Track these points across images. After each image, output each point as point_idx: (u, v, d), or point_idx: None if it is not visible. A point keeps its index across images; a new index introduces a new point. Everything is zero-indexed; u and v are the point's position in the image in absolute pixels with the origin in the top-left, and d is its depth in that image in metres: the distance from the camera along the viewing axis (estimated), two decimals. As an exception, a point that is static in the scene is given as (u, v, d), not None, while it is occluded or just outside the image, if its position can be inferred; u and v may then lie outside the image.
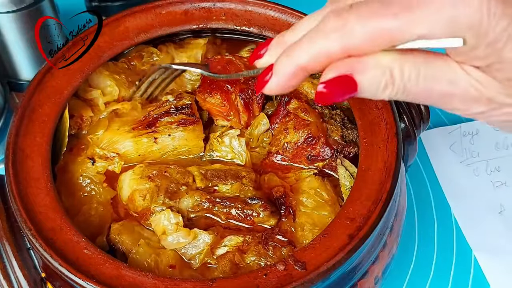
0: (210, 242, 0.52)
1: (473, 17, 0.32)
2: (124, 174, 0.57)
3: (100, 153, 0.58)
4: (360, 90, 0.36)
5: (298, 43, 0.37)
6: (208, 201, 0.55)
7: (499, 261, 0.70)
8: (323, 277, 0.45)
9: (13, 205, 0.50)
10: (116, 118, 0.61)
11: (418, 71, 0.35)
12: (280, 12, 0.64)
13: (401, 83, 0.36)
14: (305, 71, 0.37)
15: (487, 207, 0.75)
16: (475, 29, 0.33)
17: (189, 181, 0.56)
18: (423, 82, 0.36)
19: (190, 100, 0.60)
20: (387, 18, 0.33)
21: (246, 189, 0.56)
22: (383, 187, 0.50)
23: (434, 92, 0.36)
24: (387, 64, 0.35)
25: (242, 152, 0.59)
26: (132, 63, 0.66)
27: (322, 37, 0.35)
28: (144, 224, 0.55)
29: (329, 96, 0.37)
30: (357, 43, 0.35)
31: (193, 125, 0.59)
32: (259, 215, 0.54)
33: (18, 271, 0.51)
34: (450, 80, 0.36)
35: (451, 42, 0.34)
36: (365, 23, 0.34)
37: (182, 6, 0.66)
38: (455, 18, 0.33)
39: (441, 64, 0.36)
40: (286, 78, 0.38)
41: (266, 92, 0.39)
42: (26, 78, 0.79)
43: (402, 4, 0.33)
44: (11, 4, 0.71)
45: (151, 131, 0.59)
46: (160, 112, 0.59)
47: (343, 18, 0.35)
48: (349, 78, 0.36)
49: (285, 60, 0.37)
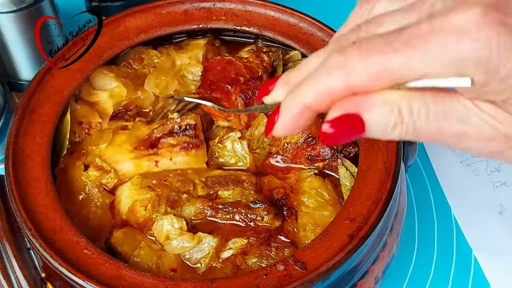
0: (215, 245, 0.52)
1: (481, 53, 0.30)
2: (121, 187, 0.56)
3: (98, 164, 0.57)
4: (368, 129, 0.34)
5: (302, 82, 0.36)
6: (211, 208, 0.54)
7: (499, 261, 0.70)
8: (323, 277, 0.45)
9: (13, 205, 0.50)
10: (121, 131, 0.60)
11: (427, 108, 0.33)
12: (280, 12, 0.64)
13: (410, 121, 0.34)
14: (311, 110, 0.36)
15: (487, 207, 0.75)
16: (484, 66, 0.30)
17: (190, 188, 0.56)
18: (433, 120, 0.34)
19: (195, 120, 0.59)
20: (389, 55, 0.32)
21: (247, 193, 0.55)
22: (383, 187, 0.50)
23: (445, 131, 0.34)
24: (395, 101, 0.34)
25: (246, 155, 0.59)
26: (133, 66, 0.66)
27: (325, 75, 0.34)
28: (147, 234, 0.54)
29: (335, 136, 0.35)
30: (360, 80, 0.33)
31: (196, 149, 0.58)
32: (263, 219, 0.54)
33: (18, 271, 0.51)
34: (461, 118, 0.33)
35: (458, 82, 0.32)
36: (366, 60, 0.33)
37: (182, 6, 0.66)
38: (460, 55, 0.30)
39: (450, 100, 0.33)
40: (293, 118, 0.36)
41: (275, 134, 0.38)
42: (26, 78, 0.79)
43: (405, 40, 0.32)
44: (11, 4, 0.71)
45: (152, 153, 0.58)
46: (164, 132, 0.58)
47: (345, 54, 0.33)
48: (356, 117, 0.34)
49: (290, 100, 0.36)
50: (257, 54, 0.64)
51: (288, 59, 0.66)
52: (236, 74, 0.61)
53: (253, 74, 0.61)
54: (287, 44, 0.64)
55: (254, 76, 0.61)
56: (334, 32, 0.62)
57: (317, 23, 0.63)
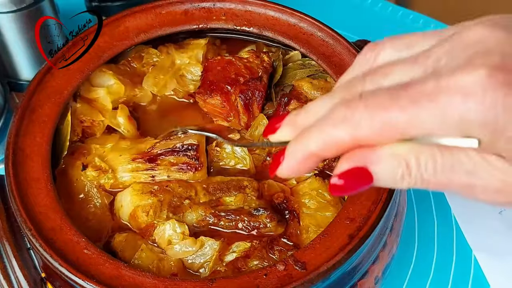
0: (218, 248, 0.52)
1: (487, 115, 0.30)
2: (121, 193, 0.56)
3: (97, 164, 0.57)
4: (376, 181, 0.35)
5: (309, 130, 0.36)
6: (213, 215, 0.54)
7: (499, 261, 0.70)
8: (323, 277, 0.45)
9: (13, 205, 0.50)
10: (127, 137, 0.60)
11: (434, 161, 0.34)
12: (280, 12, 0.64)
13: (418, 173, 0.34)
14: (317, 157, 0.36)
15: (487, 207, 0.75)
16: (491, 127, 0.31)
17: (192, 194, 0.55)
18: (441, 173, 0.34)
19: (198, 141, 0.57)
20: (394, 111, 0.32)
21: (249, 200, 0.55)
22: (383, 187, 0.50)
23: (453, 183, 0.34)
24: (402, 154, 0.34)
25: (246, 156, 0.59)
26: (133, 64, 0.66)
27: (331, 126, 0.35)
28: (148, 240, 0.53)
29: (344, 188, 0.36)
30: (365, 134, 0.34)
31: (194, 172, 0.57)
32: (266, 226, 0.53)
33: (18, 271, 0.51)
34: (468, 171, 0.34)
35: (465, 143, 0.32)
36: (372, 115, 0.33)
37: (182, 6, 0.66)
38: (466, 117, 0.31)
39: (458, 153, 0.34)
40: (298, 163, 0.37)
41: (279, 175, 0.39)
42: (26, 78, 0.79)
43: (411, 97, 0.32)
44: (11, 4, 0.71)
45: (150, 167, 0.57)
46: (165, 148, 0.57)
47: (351, 108, 0.34)
48: (364, 170, 0.35)
49: (296, 146, 0.37)
50: (257, 54, 0.63)
51: (288, 59, 0.66)
52: (236, 74, 0.61)
53: (253, 75, 0.61)
54: (287, 44, 0.64)
55: (254, 76, 0.61)
56: (334, 32, 0.62)
57: (317, 23, 0.63)
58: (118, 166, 0.57)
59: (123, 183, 0.57)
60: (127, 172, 0.57)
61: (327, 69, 0.60)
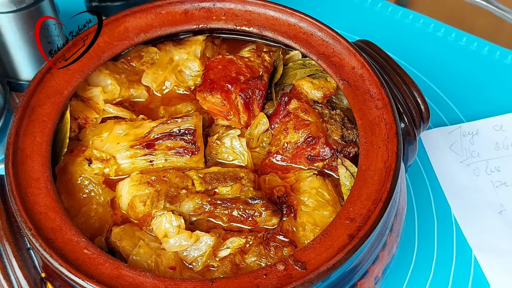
0: (212, 244, 0.52)
1: None
2: (122, 182, 0.57)
3: (97, 155, 0.58)
4: None
5: None
6: (209, 203, 0.55)
7: (499, 261, 0.70)
8: (323, 277, 0.45)
9: (13, 205, 0.50)
10: (122, 121, 0.61)
11: None
12: (280, 12, 0.64)
13: None
14: None
15: (487, 207, 0.75)
16: None
17: (188, 184, 0.56)
18: None
19: (195, 125, 0.58)
20: None
21: (246, 190, 0.56)
22: (383, 187, 0.50)
23: None
24: None
25: (244, 152, 0.59)
26: (132, 64, 0.66)
27: None
28: (146, 230, 0.54)
29: None
30: None
31: (190, 156, 0.57)
32: (261, 214, 0.54)
33: (18, 271, 0.51)
34: None
35: None
36: None
37: (182, 6, 0.66)
38: None
39: None
40: None
41: None
42: (26, 78, 0.79)
43: None
44: (11, 4, 0.71)
45: (148, 153, 0.57)
46: (162, 133, 0.58)
47: None
48: None
49: None
50: (259, 53, 0.64)
51: (289, 58, 0.66)
52: (237, 73, 0.61)
53: (254, 74, 0.61)
54: (287, 44, 0.64)
55: (255, 75, 0.61)
56: (334, 32, 0.62)
57: (317, 23, 0.63)
58: (116, 154, 0.58)
59: (123, 170, 0.58)
60: (126, 158, 0.58)
61: (327, 68, 0.60)
